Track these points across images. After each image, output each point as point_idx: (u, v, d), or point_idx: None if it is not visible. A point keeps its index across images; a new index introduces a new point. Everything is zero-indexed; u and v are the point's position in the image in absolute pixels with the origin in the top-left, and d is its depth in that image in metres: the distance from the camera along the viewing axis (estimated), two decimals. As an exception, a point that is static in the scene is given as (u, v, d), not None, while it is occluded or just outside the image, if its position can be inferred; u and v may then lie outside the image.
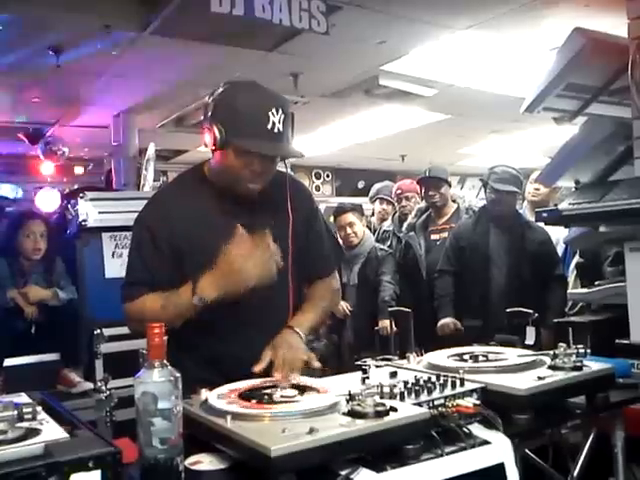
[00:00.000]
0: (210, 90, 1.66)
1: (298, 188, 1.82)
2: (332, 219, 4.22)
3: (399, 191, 4.55)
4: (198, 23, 3.84)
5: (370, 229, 4.53)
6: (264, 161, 1.60)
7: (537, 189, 3.91)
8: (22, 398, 1.34)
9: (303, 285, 1.81)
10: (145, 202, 1.76)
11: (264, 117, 1.54)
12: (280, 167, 1.72)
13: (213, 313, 1.57)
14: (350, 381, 1.52)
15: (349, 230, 3.97)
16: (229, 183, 1.65)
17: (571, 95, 2.47)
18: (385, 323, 3.80)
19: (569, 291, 3.04)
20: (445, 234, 3.84)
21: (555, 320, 2.71)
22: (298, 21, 3.54)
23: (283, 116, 1.56)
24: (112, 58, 4.57)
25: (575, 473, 1.68)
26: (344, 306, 3.91)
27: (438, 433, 1.24)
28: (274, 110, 1.54)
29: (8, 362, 3.13)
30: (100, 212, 3.48)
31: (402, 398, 1.31)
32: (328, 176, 9.94)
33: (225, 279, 1.53)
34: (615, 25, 2.58)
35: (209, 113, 1.59)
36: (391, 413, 1.18)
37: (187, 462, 1.18)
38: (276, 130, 1.55)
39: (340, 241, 4.10)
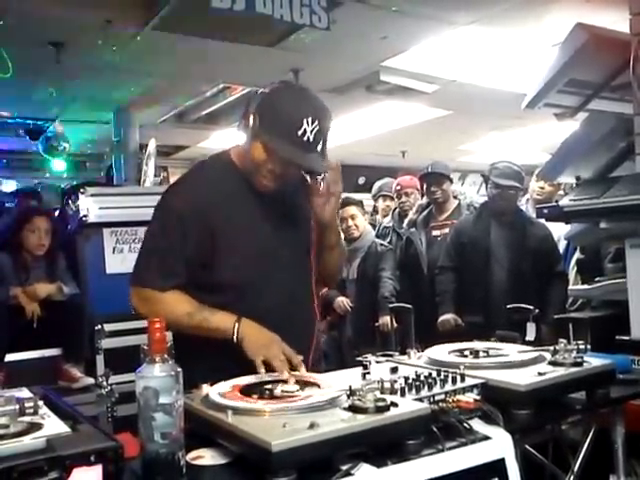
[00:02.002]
0: (211, 86, 1.67)
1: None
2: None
3: (398, 187, 4.55)
4: (199, 19, 3.84)
5: (374, 226, 4.53)
6: (284, 165, 1.59)
7: (542, 187, 3.90)
8: (24, 393, 1.35)
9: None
10: (144, 196, 1.76)
11: (297, 122, 1.52)
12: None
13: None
14: (351, 376, 1.52)
15: (351, 222, 3.97)
16: (249, 172, 1.66)
17: (572, 91, 2.47)
18: (385, 319, 3.81)
19: (570, 287, 3.05)
20: (446, 230, 3.84)
21: (556, 316, 2.72)
22: (299, 17, 3.53)
23: (317, 128, 1.54)
24: (113, 53, 4.57)
25: (575, 468, 1.69)
26: (344, 302, 3.92)
27: (439, 428, 1.24)
28: (310, 119, 1.53)
29: (9, 357, 3.14)
30: (101, 208, 3.48)
31: (403, 393, 1.31)
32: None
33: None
34: (617, 21, 2.57)
35: (253, 103, 1.60)
36: (392, 408, 1.18)
37: (188, 457, 1.18)
38: (305, 138, 1.53)
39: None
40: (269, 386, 1.38)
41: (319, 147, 1.57)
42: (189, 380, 1.24)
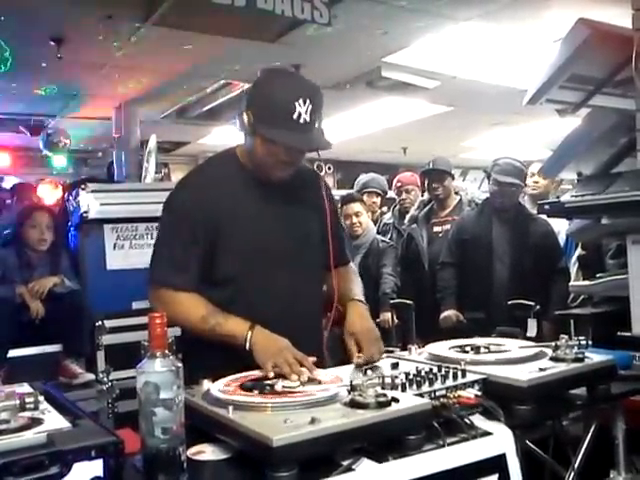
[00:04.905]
0: (211, 82, 1.67)
1: (328, 186, 1.86)
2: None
3: (399, 184, 4.53)
4: (200, 14, 3.83)
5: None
6: (289, 151, 1.60)
7: (536, 182, 3.91)
8: (24, 388, 1.35)
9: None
10: (145, 192, 1.76)
11: (290, 107, 1.52)
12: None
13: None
14: (352, 372, 1.53)
15: (355, 219, 3.97)
16: (257, 168, 1.67)
17: (574, 87, 2.46)
18: (386, 315, 3.80)
19: (571, 283, 3.04)
20: (447, 226, 3.83)
21: (557, 312, 2.72)
22: (300, 12, 3.52)
23: (311, 106, 1.54)
24: (114, 49, 4.56)
25: (576, 464, 1.68)
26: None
27: (439, 424, 1.24)
28: (301, 100, 1.53)
29: (11, 353, 3.14)
30: (102, 204, 3.48)
31: (404, 389, 1.31)
32: (330, 169, 9.90)
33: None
34: (619, 16, 2.56)
35: (244, 99, 1.61)
36: (393, 404, 1.18)
37: (189, 452, 1.18)
38: (302, 121, 1.53)
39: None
40: (270, 382, 1.38)
41: (317, 124, 1.58)
42: (190, 376, 1.24)
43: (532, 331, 2.85)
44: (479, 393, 1.36)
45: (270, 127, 1.55)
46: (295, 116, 1.52)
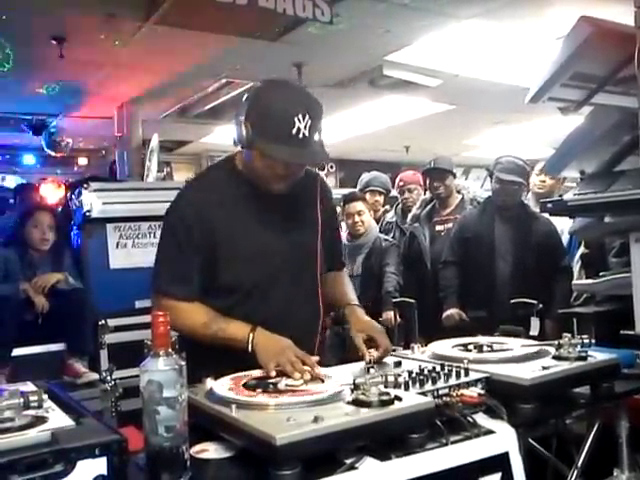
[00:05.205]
0: (213, 81, 1.66)
1: (326, 188, 1.85)
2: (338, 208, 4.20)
3: (401, 183, 4.53)
4: (201, 13, 3.83)
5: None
6: (288, 166, 1.60)
7: (543, 181, 3.89)
8: (28, 387, 1.35)
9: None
10: (147, 191, 1.76)
11: (290, 122, 1.51)
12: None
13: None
14: (355, 371, 1.53)
15: (357, 218, 3.96)
16: (256, 179, 1.66)
17: (577, 85, 2.45)
18: (389, 314, 3.80)
19: (574, 282, 3.03)
20: (450, 225, 3.83)
21: (560, 311, 2.72)
22: (302, 10, 3.53)
23: (310, 121, 1.53)
24: (115, 48, 4.56)
25: (579, 463, 1.68)
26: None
27: (443, 422, 1.24)
28: (300, 116, 1.52)
29: (15, 352, 3.15)
30: (104, 203, 3.48)
31: (407, 387, 1.31)
32: (332, 167, 9.92)
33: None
34: (622, 13, 2.55)
35: (242, 110, 1.59)
36: (396, 402, 1.19)
37: (192, 450, 1.18)
38: (301, 136, 1.52)
39: (346, 229, 4.10)
40: (273, 380, 1.38)
41: (316, 138, 1.57)
42: (194, 374, 1.24)
43: (535, 330, 2.84)
44: (482, 392, 1.36)
45: (269, 142, 1.54)
46: (294, 131, 1.51)
